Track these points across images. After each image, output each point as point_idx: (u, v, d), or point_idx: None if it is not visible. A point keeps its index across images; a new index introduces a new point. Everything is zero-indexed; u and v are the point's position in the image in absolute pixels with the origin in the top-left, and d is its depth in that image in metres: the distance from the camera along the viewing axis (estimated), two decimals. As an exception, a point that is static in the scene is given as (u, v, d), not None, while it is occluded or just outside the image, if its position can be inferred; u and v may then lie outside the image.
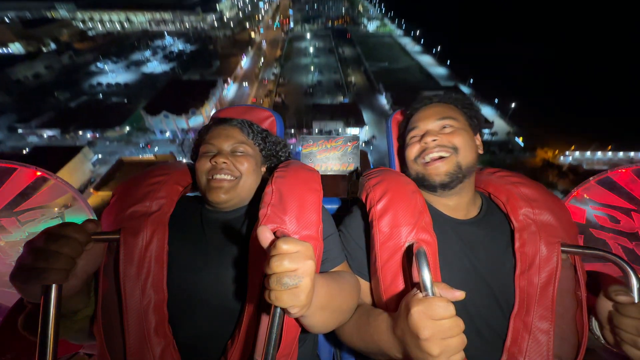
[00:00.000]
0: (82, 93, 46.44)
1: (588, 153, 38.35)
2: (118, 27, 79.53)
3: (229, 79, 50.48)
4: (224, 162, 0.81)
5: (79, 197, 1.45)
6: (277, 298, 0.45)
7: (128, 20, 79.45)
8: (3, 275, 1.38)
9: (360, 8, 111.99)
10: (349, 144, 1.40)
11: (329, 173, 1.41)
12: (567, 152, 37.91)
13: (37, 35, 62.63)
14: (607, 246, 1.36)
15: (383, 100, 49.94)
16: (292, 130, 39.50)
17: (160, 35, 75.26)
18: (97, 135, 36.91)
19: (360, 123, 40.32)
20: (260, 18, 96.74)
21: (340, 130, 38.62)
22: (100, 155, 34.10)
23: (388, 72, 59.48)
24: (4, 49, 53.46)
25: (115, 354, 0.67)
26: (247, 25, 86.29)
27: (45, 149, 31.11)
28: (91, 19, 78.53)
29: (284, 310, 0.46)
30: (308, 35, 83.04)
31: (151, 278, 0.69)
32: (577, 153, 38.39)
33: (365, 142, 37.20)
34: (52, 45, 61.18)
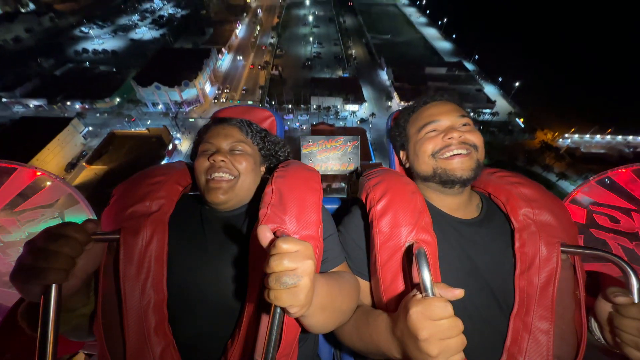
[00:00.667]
0: (67, 60, 44.20)
1: (587, 136, 38.11)
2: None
3: (223, 49, 47.94)
4: (222, 161, 0.81)
5: (79, 197, 1.42)
6: (277, 297, 0.45)
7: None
8: (3, 275, 1.36)
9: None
10: (349, 144, 1.38)
11: (329, 173, 1.39)
12: (566, 135, 37.60)
13: (12, -7, 57.59)
14: (607, 246, 1.35)
15: (384, 76, 48.42)
16: (290, 105, 38.36)
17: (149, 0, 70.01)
18: (87, 106, 35.53)
19: (359, 99, 39.24)
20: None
21: (339, 107, 37.60)
22: (90, 128, 33.05)
23: (390, 45, 57.00)
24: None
25: (116, 354, 0.67)
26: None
27: (34, 120, 30.07)
28: (73, -24, 72.14)
29: (284, 310, 0.46)
30: (307, 1, 77.90)
31: (151, 278, 0.69)
32: (576, 136, 38.15)
33: (361, 119, 36.28)
34: (31, 6, 56.78)
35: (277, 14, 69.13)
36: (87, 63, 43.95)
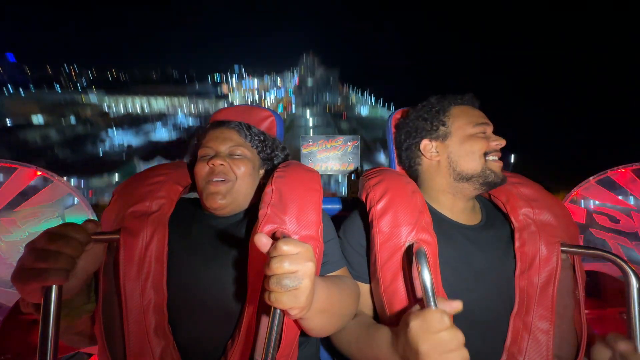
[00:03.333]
0: (84, 152, 46.93)
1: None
2: (138, 109, 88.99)
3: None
4: (221, 165, 0.81)
5: (79, 197, 1.45)
6: (277, 299, 0.44)
7: (149, 103, 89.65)
8: (3, 275, 1.37)
9: (353, 98, 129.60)
10: (349, 144, 1.37)
11: (329, 173, 1.37)
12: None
13: (61, 111, 68.46)
14: (607, 246, 1.36)
15: (382, 158, 50.54)
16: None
17: (174, 115, 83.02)
18: (82, 183, 34.87)
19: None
20: (267, 105, 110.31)
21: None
22: (71, 195, 31.08)
23: (382, 139, 62.89)
24: (26, 119, 57.23)
25: (116, 353, 0.68)
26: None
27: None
28: (116, 103, 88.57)
29: (284, 312, 0.47)
30: (308, 113, 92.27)
31: (151, 278, 0.69)
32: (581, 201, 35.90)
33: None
34: (72, 120, 66.10)
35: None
36: (101, 153, 46.86)
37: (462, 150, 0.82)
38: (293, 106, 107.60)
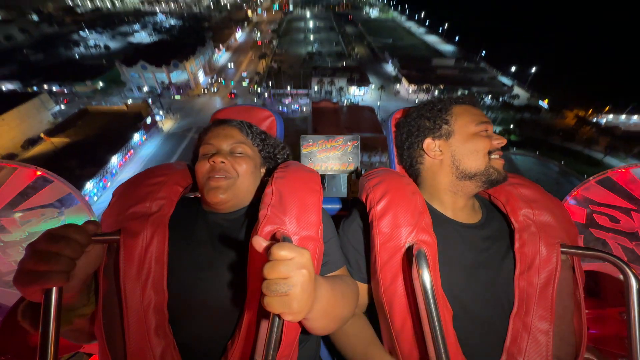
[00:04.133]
0: (58, 56, 41.85)
1: (623, 116, 33.80)
2: (109, 5, 75.99)
3: (220, 46, 46.23)
4: (222, 162, 0.81)
5: (80, 197, 1.43)
6: (268, 304, 0.45)
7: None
8: (3, 275, 1.34)
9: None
10: (349, 143, 1.36)
11: (329, 173, 1.37)
12: (600, 115, 33.26)
13: (19, 6, 58.53)
14: (607, 246, 1.34)
15: (389, 68, 46.15)
16: (289, 88, 34.82)
17: (152, 14, 71.61)
18: (65, 90, 32.08)
19: (365, 82, 35.69)
20: (260, 2, 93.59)
21: (343, 88, 33.94)
22: (63, 107, 29.21)
23: (393, 47, 55.61)
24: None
25: (116, 354, 0.68)
26: (245, 6, 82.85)
27: (-4, 94, 26.22)
28: (80, -4, 74.95)
29: (278, 316, 0.47)
30: (308, 14, 79.63)
31: (151, 279, 0.70)
32: (610, 116, 33.91)
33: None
34: (35, 17, 57.07)
35: (278, 23, 69.83)
36: (77, 56, 41.96)
37: (465, 149, 0.81)
38: (290, 5, 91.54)
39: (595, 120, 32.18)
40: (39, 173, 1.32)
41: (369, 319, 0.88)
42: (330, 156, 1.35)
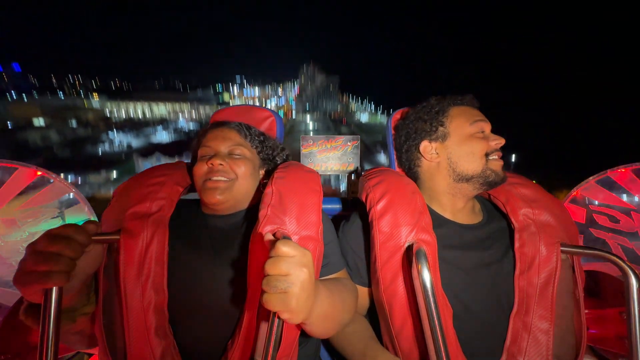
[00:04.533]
0: (83, 152, 46.69)
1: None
2: (140, 115, 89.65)
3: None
4: (221, 164, 0.80)
5: (80, 197, 1.41)
6: (267, 301, 0.45)
7: (150, 109, 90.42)
8: (3, 275, 1.34)
9: (353, 106, 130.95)
10: (349, 144, 1.36)
11: (329, 173, 1.37)
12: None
13: (63, 115, 68.96)
14: (607, 246, 1.34)
15: (382, 158, 50.43)
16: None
17: (175, 120, 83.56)
18: (80, 180, 34.43)
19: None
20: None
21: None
22: (72, 195, 30.42)
23: (383, 143, 62.70)
24: (27, 122, 57.41)
25: (116, 354, 0.68)
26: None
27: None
28: (118, 108, 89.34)
29: (276, 314, 0.46)
30: (308, 118, 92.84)
31: (151, 279, 0.70)
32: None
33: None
34: (74, 123, 66.50)
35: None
36: (100, 152, 46.55)
37: (461, 151, 0.81)
38: (294, 112, 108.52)
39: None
40: (39, 173, 1.33)
41: (369, 320, 0.87)
42: (330, 156, 1.36)
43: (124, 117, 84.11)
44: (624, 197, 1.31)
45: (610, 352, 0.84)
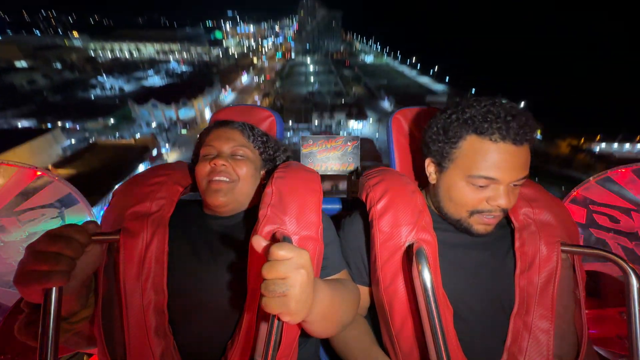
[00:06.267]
0: (75, 97, 44.69)
1: (615, 144, 34.67)
2: (127, 55, 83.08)
3: (227, 86, 49.54)
4: (223, 165, 0.80)
5: (79, 197, 1.42)
6: (266, 304, 0.45)
7: (137, 49, 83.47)
8: (3, 275, 1.34)
9: (357, 45, 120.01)
10: (349, 143, 1.36)
11: (329, 173, 1.37)
12: (592, 143, 34.20)
13: (45, 57, 64.03)
14: (607, 246, 1.35)
15: (385, 104, 48.39)
16: (290, 123, 36.46)
17: (166, 62, 77.74)
18: (77, 127, 33.68)
19: (363, 116, 37.44)
20: (264, 52, 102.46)
21: (342, 122, 35.48)
22: (74, 141, 30.35)
23: (388, 87, 59.30)
24: (10, 65, 53.76)
25: (116, 354, 0.68)
26: (251, 55, 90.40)
27: (10, 131, 27.56)
28: (102, 48, 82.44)
29: (276, 316, 0.47)
30: (308, 60, 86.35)
31: (151, 279, 0.70)
32: (603, 144, 34.77)
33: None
34: (58, 65, 62.11)
35: (281, 67, 75.58)
36: (92, 96, 44.74)
37: (448, 195, 0.75)
38: (292, 53, 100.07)
39: (588, 148, 33.02)
40: (39, 173, 1.32)
41: (369, 319, 0.88)
42: (330, 156, 1.35)
43: (110, 57, 78.16)
44: (624, 197, 1.30)
45: (610, 352, 0.84)
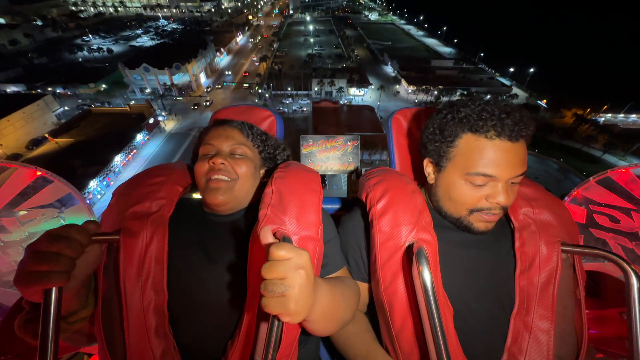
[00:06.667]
0: (62, 60, 42.24)
1: (621, 115, 33.97)
2: (111, 10, 76.83)
3: (222, 49, 46.71)
4: (222, 163, 0.80)
5: (79, 197, 1.42)
6: (266, 305, 0.45)
7: (122, 4, 76.96)
8: (3, 275, 1.34)
9: (362, 0, 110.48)
10: (349, 143, 1.36)
11: (329, 173, 1.36)
12: (598, 114, 33.43)
13: (23, 12, 59.24)
14: (607, 246, 1.34)
15: (388, 69, 46.49)
16: (290, 89, 35.14)
17: (154, 19, 72.37)
18: (69, 92, 32.41)
19: (364, 82, 36.00)
20: (260, 7, 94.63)
21: (343, 88, 34.23)
22: (66, 108, 29.54)
23: (392, 49, 56.06)
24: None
25: (116, 354, 0.68)
26: (246, 11, 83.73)
27: (2, 96, 26.57)
28: (84, 2, 75.95)
29: (276, 316, 0.46)
30: (308, 18, 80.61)
31: (151, 279, 0.69)
32: (609, 115, 34.07)
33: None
34: (39, 22, 57.74)
35: (279, 26, 70.58)
36: (80, 59, 42.44)
37: (447, 194, 0.75)
38: (290, 9, 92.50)
39: (593, 118, 32.40)
40: (39, 173, 1.32)
41: (369, 319, 0.87)
42: (330, 156, 1.35)
43: (93, 12, 72.30)
44: (624, 197, 1.30)
45: (610, 353, 0.83)
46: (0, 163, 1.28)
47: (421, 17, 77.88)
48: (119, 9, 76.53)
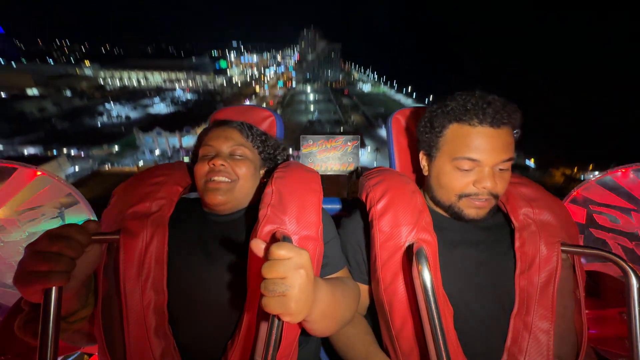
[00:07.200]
0: (82, 125, 45.98)
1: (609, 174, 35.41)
2: (135, 83, 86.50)
3: (230, 114, 51.08)
4: (222, 165, 0.80)
5: (79, 197, 1.42)
6: (266, 304, 0.45)
7: (145, 77, 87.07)
8: (3, 275, 1.34)
9: (355, 75, 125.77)
10: (349, 143, 1.37)
11: (329, 173, 1.37)
12: (585, 173, 34.98)
13: (57, 85, 66.59)
14: (607, 246, 1.34)
15: (383, 132, 49.81)
16: (290, 151, 37.44)
17: (172, 90, 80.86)
18: (82, 153, 34.46)
19: (361, 144, 38.58)
20: (267, 81, 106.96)
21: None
22: (77, 168, 30.92)
23: (385, 115, 61.44)
24: (22, 92, 55.90)
25: (116, 354, 0.68)
26: (254, 84, 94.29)
27: (15, 158, 28.26)
28: (112, 77, 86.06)
29: (277, 316, 0.46)
30: (309, 89, 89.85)
31: (151, 279, 0.69)
32: (596, 172, 35.53)
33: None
34: (68, 93, 64.50)
35: (283, 95, 78.53)
36: (99, 124, 46.02)
37: (437, 182, 0.80)
38: (293, 82, 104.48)
39: (582, 177, 33.70)
40: (39, 173, 1.33)
41: (369, 319, 0.88)
42: (330, 156, 1.37)
43: (119, 85, 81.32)
44: (624, 197, 1.31)
45: (610, 353, 0.83)
46: (0, 163, 1.28)
47: (409, 88, 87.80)
48: (142, 81, 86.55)
